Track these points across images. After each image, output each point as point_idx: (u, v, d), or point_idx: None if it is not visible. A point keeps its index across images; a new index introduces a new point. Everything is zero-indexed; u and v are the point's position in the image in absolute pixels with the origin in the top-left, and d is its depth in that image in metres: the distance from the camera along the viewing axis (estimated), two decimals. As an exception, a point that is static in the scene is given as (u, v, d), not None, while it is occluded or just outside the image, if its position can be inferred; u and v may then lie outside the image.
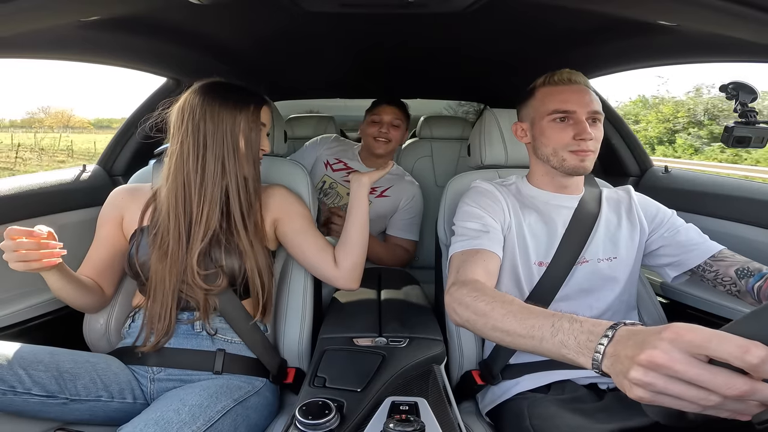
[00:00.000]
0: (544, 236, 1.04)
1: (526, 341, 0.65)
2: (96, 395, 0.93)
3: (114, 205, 1.13)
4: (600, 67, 1.41)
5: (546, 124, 1.03)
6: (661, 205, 1.12)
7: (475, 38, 1.26)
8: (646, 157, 1.71)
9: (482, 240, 0.98)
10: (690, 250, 1.02)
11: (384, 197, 1.79)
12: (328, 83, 2.09)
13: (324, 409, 0.70)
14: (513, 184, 1.14)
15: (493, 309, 0.74)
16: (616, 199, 1.12)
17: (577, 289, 1.03)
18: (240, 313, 1.05)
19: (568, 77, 1.03)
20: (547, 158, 1.04)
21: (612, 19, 1.00)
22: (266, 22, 1.15)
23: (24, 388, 0.85)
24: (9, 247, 0.85)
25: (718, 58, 1.09)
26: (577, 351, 0.56)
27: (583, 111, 1.00)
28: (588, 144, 0.99)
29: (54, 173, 1.41)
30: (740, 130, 1.03)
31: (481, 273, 0.91)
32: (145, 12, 1.02)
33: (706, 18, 0.75)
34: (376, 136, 1.79)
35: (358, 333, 1.03)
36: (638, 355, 0.46)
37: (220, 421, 0.85)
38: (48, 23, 0.87)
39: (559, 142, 1.01)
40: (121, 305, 1.16)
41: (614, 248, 1.05)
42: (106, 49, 1.21)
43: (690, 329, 0.44)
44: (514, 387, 0.98)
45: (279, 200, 1.13)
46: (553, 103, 1.02)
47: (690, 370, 0.43)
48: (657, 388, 0.45)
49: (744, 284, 0.91)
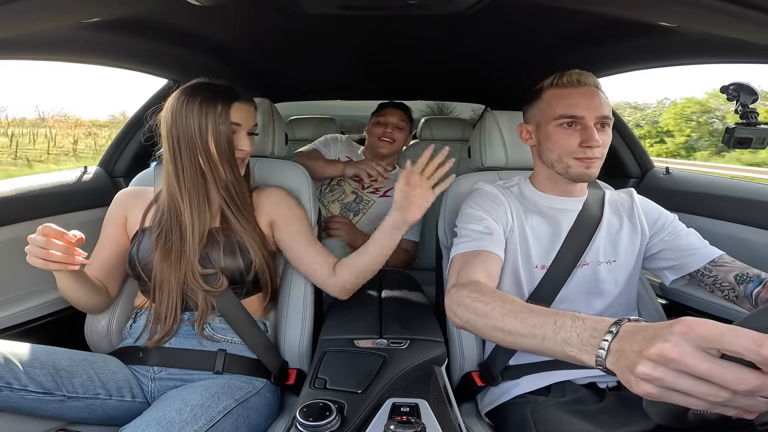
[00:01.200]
0: (547, 239, 1.03)
1: (528, 340, 0.65)
2: (93, 393, 0.93)
3: (119, 205, 1.14)
4: (601, 69, 1.41)
5: (552, 128, 1.00)
6: (663, 209, 1.11)
7: (476, 40, 1.26)
8: (647, 158, 1.71)
9: (484, 242, 0.97)
10: (690, 255, 1.01)
11: (387, 197, 1.81)
12: (328, 85, 2.10)
13: (325, 411, 0.70)
14: (516, 186, 1.13)
15: (494, 309, 0.73)
16: (618, 202, 1.11)
17: (576, 290, 1.03)
18: (240, 313, 1.05)
19: (577, 78, 0.99)
20: (552, 164, 1.02)
21: (613, 20, 1.00)
22: (266, 24, 1.15)
23: (20, 384, 0.86)
24: (39, 242, 0.85)
25: (718, 59, 1.09)
26: (580, 348, 0.56)
27: (591, 116, 0.96)
28: (594, 151, 0.96)
29: (55, 175, 1.42)
30: (741, 131, 1.03)
31: (482, 274, 0.90)
32: (145, 14, 1.02)
33: (706, 19, 0.75)
34: (381, 136, 1.87)
35: (358, 334, 1.02)
36: (647, 348, 0.45)
37: (221, 422, 0.85)
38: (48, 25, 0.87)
39: (565, 148, 0.98)
40: (122, 306, 1.16)
41: (614, 251, 1.05)
42: (106, 51, 1.22)
43: (702, 323, 0.43)
44: (514, 388, 0.98)
45: (275, 202, 1.13)
46: (560, 107, 0.98)
47: (701, 365, 0.42)
48: (666, 383, 0.44)
49: (742, 290, 0.90)
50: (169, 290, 1.01)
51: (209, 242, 1.04)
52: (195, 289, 1.01)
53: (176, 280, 1.01)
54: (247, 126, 1.05)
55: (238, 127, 1.03)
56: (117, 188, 1.56)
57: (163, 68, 1.51)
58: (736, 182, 1.39)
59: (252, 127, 1.07)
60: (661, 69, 1.32)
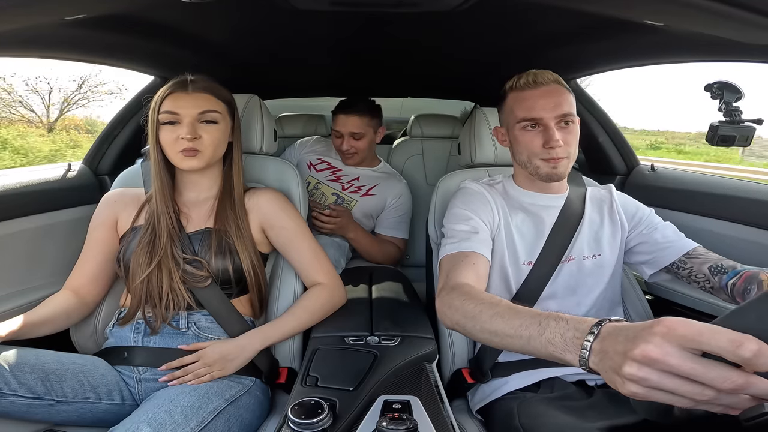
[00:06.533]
0: (531, 236, 1.05)
1: (514, 341, 0.66)
2: (83, 396, 0.92)
3: (109, 206, 1.12)
4: (587, 67, 1.42)
5: (518, 132, 1.02)
6: (640, 204, 1.13)
7: (465, 37, 1.26)
8: (633, 155, 1.73)
9: (471, 242, 0.98)
10: (664, 248, 1.03)
11: (369, 195, 1.78)
12: (318, 82, 2.08)
13: (316, 408, 0.70)
14: (500, 183, 1.14)
15: (482, 311, 0.74)
16: (599, 198, 1.13)
17: (564, 286, 1.04)
18: (227, 308, 1.04)
19: (533, 79, 1.00)
20: (524, 165, 1.04)
21: (600, 18, 1.01)
22: (255, 20, 1.14)
23: (10, 389, 0.84)
24: None
25: (704, 58, 1.11)
26: (563, 348, 0.57)
27: (550, 116, 0.97)
28: (557, 151, 0.97)
29: (37, 171, 1.38)
30: (725, 128, 1.05)
31: (471, 276, 0.91)
32: (131, 10, 1.01)
33: (693, 18, 0.76)
34: (340, 147, 1.75)
35: (349, 332, 1.03)
36: (632, 350, 0.45)
37: (213, 422, 0.85)
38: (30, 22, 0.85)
39: (530, 150, 1.00)
40: (108, 305, 1.15)
41: (598, 246, 1.07)
42: (92, 48, 1.19)
43: (682, 323, 0.44)
44: (504, 386, 0.99)
45: (266, 205, 1.12)
46: (520, 110, 1.00)
47: (683, 364, 0.43)
48: (651, 383, 0.44)
49: (717, 281, 0.92)
50: (154, 289, 1.00)
51: (200, 242, 1.04)
52: (180, 288, 1.00)
53: (162, 279, 1.00)
54: (186, 116, 1.01)
55: (175, 117, 1.01)
56: (102, 186, 1.54)
57: (150, 65, 1.48)
58: (721, 179, 1.42)
59: (188, 117, 1.01)
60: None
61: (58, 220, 1.34)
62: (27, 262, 1.24)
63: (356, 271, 1.53)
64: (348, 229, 1.66)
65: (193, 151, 1.00)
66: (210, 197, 1.11)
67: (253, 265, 1.06)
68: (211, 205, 1.09)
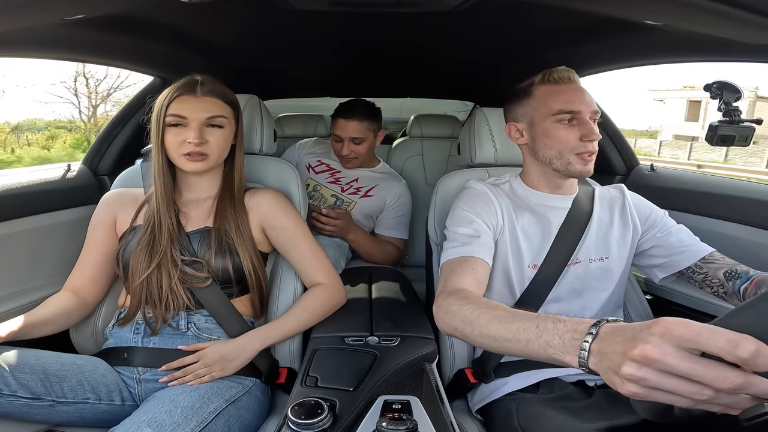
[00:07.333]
0: (538, 239, 1.03)
1: (513, 345, 0.65)
2: (83, 397, 0.92)
3: (108, 207, 1.12)
4: (587, 67, 1.42)
5: (550, 125, 0.98)
6: (654, 206, 1.11)
7: (465, 37, 1.26)
8: (633, 155, 1.73)
9: (473, 246, 0.96)
10: (681, 252, 1.01)
11: (369, 197, 1.77)
12: (317, 82, 2.08)
13: (316, 409, 0.70)
14: (507, 183, 1.12)
15: (479, 316, 0.73)
16: (609, 198, 1.11)
17: (569, 289, 1.03)
18: (227, 308, 1.04)
19: (567, 75, 1.00)
20: (550, 161, 1.01)
21: (600, 18, 1.01)
22: (255, 20, 1.14)
23: (10, 390, 0.84)
24: None
25: (704, 58, 1.11)
26: (562, 350, 0.57)
27: (587, 110, 0.96)
28: (595, 144, 0.97)
29: (37, 172, 1.38)
30: (724, 128, 1.05)
31: (470, 281, 0.90)
32: (131, 10, 1.01)
33: (692, 17, 0.77)
34: (340, 152, 1.74)
35: (349, 332, 1.02)
36: (631, 350, 0.46)
37: (213, 422, 0.85)
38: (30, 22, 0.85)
39: (566, 144, 0.97)
40: (108, 305, 1.15)
41: (606, 248, 1.05)
42: (91, 48, 1.19)
43: (680, 323, 0.44)
44: (503, 386, 0.99)
45: (267, 205, 1.12)
46: (556, 103, 0.97)
47: (682, 364, 0.43)
48: (650, 383, 0.44)
49: (731, 286, 0.91)
50: (153, 290, 1.00)
51: (200, 241, 1.04)
52: (179, 289, 1.00)
53: (161, 280, 1.00)
54: (193, 120, 1.00)
55: (182, 120, 1.01)
56: (102, 186, 1.54)
57: (150, 65, 1.48)
58: (721, 179, 1.42)
59: (197, 121, 1.01)
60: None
61: (58, 221, 1.34)
62: (27, 263, 1.24)
63: (356, 272, 1.53)
64: (348, 231, 1.65)
65: (200, 155, 1.00)
66: (210, 197, 1.11)
67: (253, 264, 1.06)
68: (210, 204, 1.09)
